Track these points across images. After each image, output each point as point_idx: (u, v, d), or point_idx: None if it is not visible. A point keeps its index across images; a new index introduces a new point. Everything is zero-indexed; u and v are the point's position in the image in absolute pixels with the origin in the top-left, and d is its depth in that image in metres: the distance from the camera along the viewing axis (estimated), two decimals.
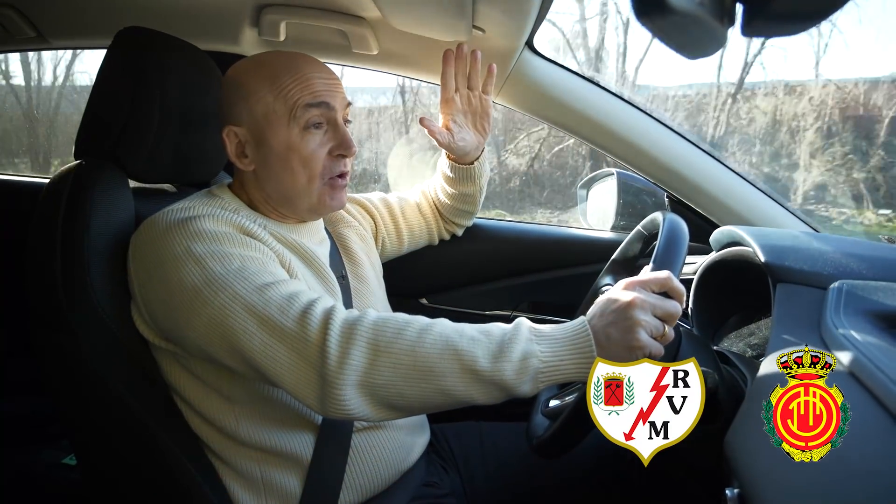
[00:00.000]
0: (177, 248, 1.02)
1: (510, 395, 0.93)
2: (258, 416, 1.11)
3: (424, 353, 0.92)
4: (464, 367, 0.91)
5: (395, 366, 0.92)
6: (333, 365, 0.92)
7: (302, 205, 1.18)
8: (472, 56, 1.38)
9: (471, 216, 1.63)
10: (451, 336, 0.93)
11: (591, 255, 1.73)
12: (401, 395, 0.92)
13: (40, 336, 1.11)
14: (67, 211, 1.09)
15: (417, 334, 0.94)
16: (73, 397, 1.13)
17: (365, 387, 0.92)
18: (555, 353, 0.92)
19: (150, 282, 1.04)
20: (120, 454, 1.15)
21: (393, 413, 0.96)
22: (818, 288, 0.96)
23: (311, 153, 1.14)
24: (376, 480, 1.18)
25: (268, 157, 1.14)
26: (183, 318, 1.00)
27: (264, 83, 1.13)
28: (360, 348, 0.92)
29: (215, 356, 1.00)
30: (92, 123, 1.19)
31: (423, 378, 0.92)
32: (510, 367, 0.91)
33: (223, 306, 0.97)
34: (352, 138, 1.17)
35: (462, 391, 0.92)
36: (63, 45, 1.92)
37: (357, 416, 0.94)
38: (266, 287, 0.99)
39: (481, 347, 0.92)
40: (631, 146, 1.64)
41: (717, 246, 1.26)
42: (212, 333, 0.98)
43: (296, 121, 1.12)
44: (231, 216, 1.10)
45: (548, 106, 1.65)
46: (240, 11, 1.58)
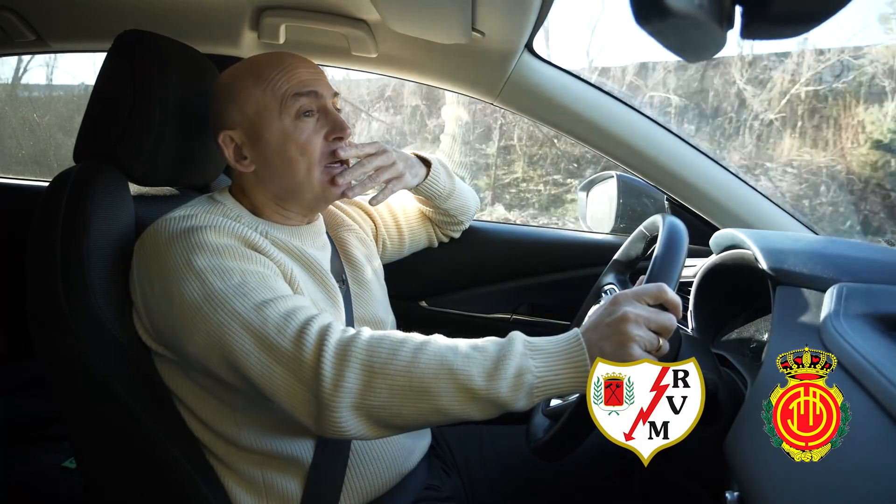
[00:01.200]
0: (178, 260, 1.02)
1: (506, 410, 0.93)
2: (259, 423, 1.11)
3: (420, 373, 0.91)
4: (459, 386, 0.91)
5: (390, 387, 0.92)
6: (328, 388, 0.92)
7: (306, 195, 1.18)
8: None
9: (458, 226, 1.62)
10: (445, 355, 0.93)
11: (591, 258, 1.73)
12: (397, 415, 0.92)
13: (40, 338, 1.11)
14: (67, 213, 1.09)
15: (412, 354, 0.93)
16: (73, 399, 1.13)
17: (360, 409, 0.92)
18: (549, 368, 0.92)
19: (153, 293, 1.04)
20: (120, 457, 1.15)
21: (389, 431, 0.96)
22: (818, 290, 0.96)
23: (306, 140, 1.14)
24: (377, 483, 1.18)
25: (265, 152, 1.15)
26: (183, 332, 1.01)
27: (250, 80, 1.14)
28: (355, 370, 0.92)
29: (214, 371, 1.01)
30: (92, 126, 1.19)
31: (418, 398, 0.91)
32: (505, 384, 0.90)
33: (221, 324, 0.98)
34: (345, 120, 1.18)
35: (458, 410, 0.92)
36: (63, 48, 1.92)
37: (353, 436, 0.94)
38: (265, 304, 0.99)
39: (476, 365, 0.92)
40: (631, 149, 1.64)
41: (716, 249, 1.26)
42: (210, 350, 0.99)
43: (287, 111, 1.13)
44: (233, 225, 1.10)
45: (547, 109, 1.65)
46: (240, 14, 1.59)
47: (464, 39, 1.38)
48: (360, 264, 1.36)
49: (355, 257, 1.37)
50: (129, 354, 1.11)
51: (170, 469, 1.10)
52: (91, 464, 1.18)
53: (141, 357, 1.12)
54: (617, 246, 1.38)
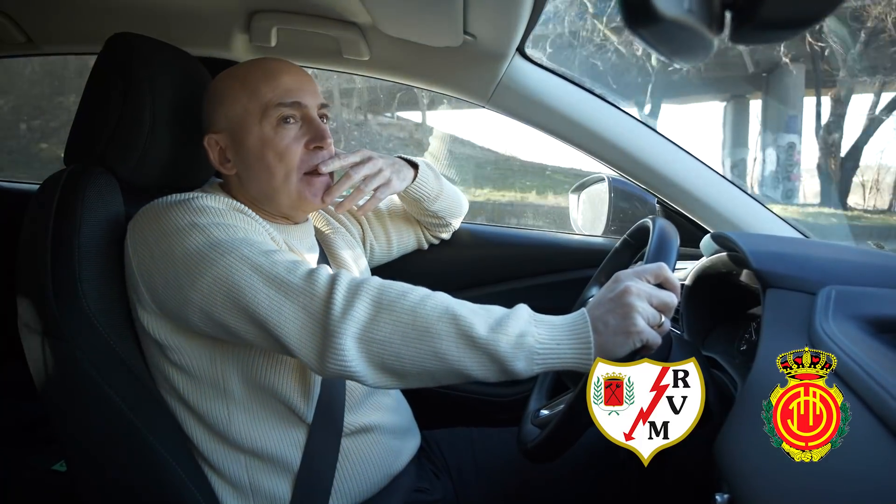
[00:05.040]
0: (180, 221, 1.04)
1: (504, 370, 0.93)
2: (250, 415, 1.11)
3: (424, 314, 0.93)
4: (460, 331, 0.92)
5: (395, 323, 0.93)
6: (337, 315, 0.93)
7: (283, 201, 1.19)
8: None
9: (446, 228, 1.62)
10: (451, 304, 0.95)
11: (583, 260, 1.74)
12: (397, 355, 0.93)
13: (30, 340, 1.11)
14: (58, 216, 1.09)
15: (420, 298, 0.95)
16: (64, 401, 1.12)
17: (364, 341, 0.93)
18: (552, 337, 0.93)
19: (152, 257, 1.04)
20: (110, 459, 1.15)
21: (387, 377, 0.96)
22: (807, 293, 0.97)
23: (285, 147, 1.16)
24: (365, 485, 1.18)
25: (246, 157, 1.16)
26: (186, 280, 1.00)
27: (236, 85, 1.17)
28: (365, 302, 0.94)
29: (216, 316, 1.00)
30: (82, 128, 1.19)
31: (419, 338, 0.92)
32: (506, 339, 0.91)
33: (229, 265, 0.99)
34: (327, 129, 1.19)
35: (455, 357, 0.92)
36: (54, 50, 1.91)
37: (353, 372, 0.94)
38: (272, 252, 1.02)
39: (479, 318, 0.93)
40: (622, 153, 1.64)
41: (707, 251, 1.26)
42: (216, 292, 0.99)
43: (267, 118, 1.15)
44: (230, 202, 1.14)
45: (539, 112, 1.65)
46: (231, 17, 1.58)
47: (455, 42, 1.38)
48: (348, 266, 1.37)
49: (342, 259, 1.37)
50: (120, 356, 1.10)
51: (160, 473, 1.10)
52: (81, 466, 1.18)
53: (133, 359, 1.12)
54: (608, 248, 1.38)
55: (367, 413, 1.22)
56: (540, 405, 1.23)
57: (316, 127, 1.18)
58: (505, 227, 1.88)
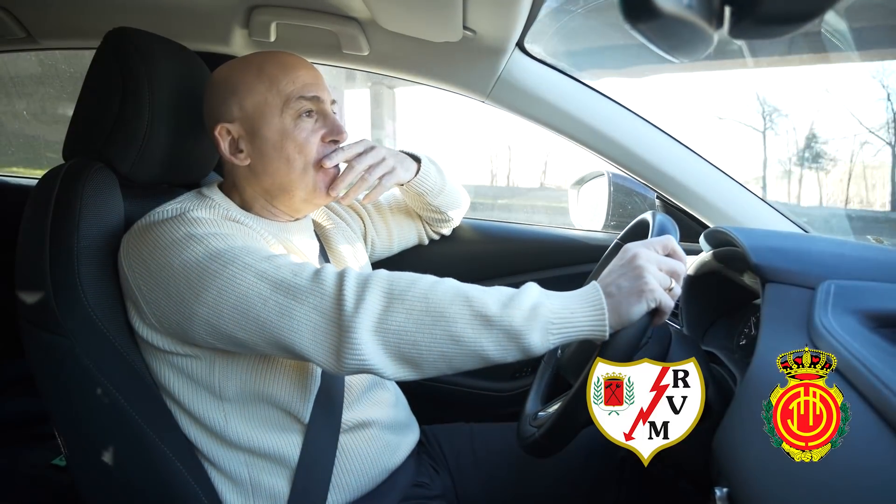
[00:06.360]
0: (175, 234, 1.03)
1: (520, 347, 0.92)
2: (247, 416, 1.11)
3: (436, 299, 0.94)
4: (473, 311, 0.92)
5: (408, 311, 0.93)
6: (349, 310, 0.93)
7: (298, 194, 1.19)
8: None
9: (448, 223, 1.62)
10: (462, 287, 0.96)
11: (583, 255, 1.74)
12: (413, 343, 0.93)
13: (30, 336, 1.11)
14: (56, 211, 1.09)
15: (430, 284, 0.96)
16: (63, 397, 1.12)
17: (379, 332, 0.93)
18: (565, 307, 0.93)
19: (149, 272, 1.03)
20: (110, 455, 1.15)
21: (406, 368, 0.96)
22: (807, 288, 0.97)
23: (304, 139, 1.16)
24: (364, 479, 1.18)
25: (263, 147, 1.16)
26: (190, 294, 1.00)
27: (255, 77, 1.16)
28: (376, 294, 0.95)
29: (224, 328, 0.99)
30: (81, 123, 1.18)
31: (434, 324, 0.92)
32: (519, 313, 0.91)
33: (233, 276, 0.98)
34: (343, 124, 1.19)
35: (472, 338, 0.92)
36: (52, 45, 1.90)
37: (371, 365, 0.94)
38: (274, 256, 1.01)
39: (491, 297, 0.94)
40: (622, 148, 1.64)
41: (706, 246, 1.26)
42: (222, 304, 0.98)
43: (288, 110, 1.15)
44: (224, 212, 1.13)
45: (538, 108, 1.65)
46: (230, 12, 1.58)
47: (455, 37, 1.38)
48: (347, 261, 1.37)
49: (341, 254, 1.37)
50: (119, 352, 1.10)
51: (160, 467, 1.10)
52: (81, 462, 1.18)
53: (132, 354, 1.12)
54: (608, 243, 1.38)
55: (365, 408, 1.22)
56: (537, 409, 1.22)
57: (332, 121, 1.19)
58: (504, 223, 1.88)
